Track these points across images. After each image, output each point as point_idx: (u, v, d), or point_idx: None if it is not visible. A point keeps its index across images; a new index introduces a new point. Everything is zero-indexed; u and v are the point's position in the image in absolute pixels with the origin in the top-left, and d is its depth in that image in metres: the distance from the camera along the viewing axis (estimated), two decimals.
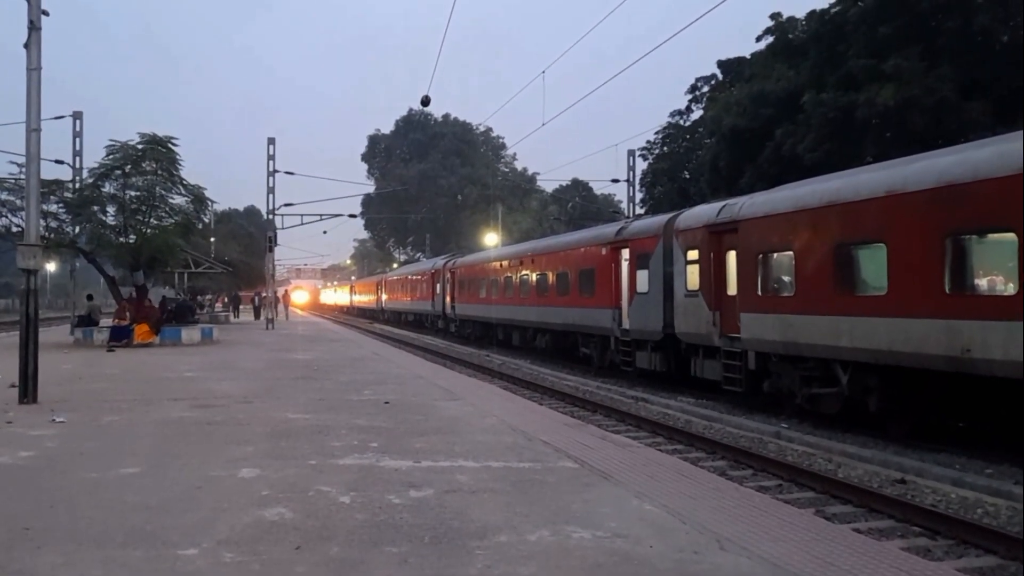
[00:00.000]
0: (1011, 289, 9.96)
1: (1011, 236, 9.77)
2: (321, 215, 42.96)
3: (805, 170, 24.48)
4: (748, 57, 40.87)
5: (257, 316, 48.25)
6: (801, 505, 8.58)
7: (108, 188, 26.03)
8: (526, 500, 6.21)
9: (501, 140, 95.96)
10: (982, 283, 10.80)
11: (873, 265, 12.13)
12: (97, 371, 16.92)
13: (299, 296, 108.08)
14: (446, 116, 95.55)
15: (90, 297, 32.11)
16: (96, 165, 26.23)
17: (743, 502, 6.48)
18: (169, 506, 5.99)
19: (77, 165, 30.38)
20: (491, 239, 57.93)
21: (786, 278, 14.16)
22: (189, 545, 5.05)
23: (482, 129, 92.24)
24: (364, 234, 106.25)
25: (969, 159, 10.57)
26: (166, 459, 7.74)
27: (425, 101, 24.25)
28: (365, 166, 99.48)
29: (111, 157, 25.49)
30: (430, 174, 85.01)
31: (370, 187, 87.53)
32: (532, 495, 6.38)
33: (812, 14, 34.41)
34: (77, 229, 27.31)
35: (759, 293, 14.55)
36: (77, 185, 28.35)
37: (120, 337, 24.31)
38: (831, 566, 4.82)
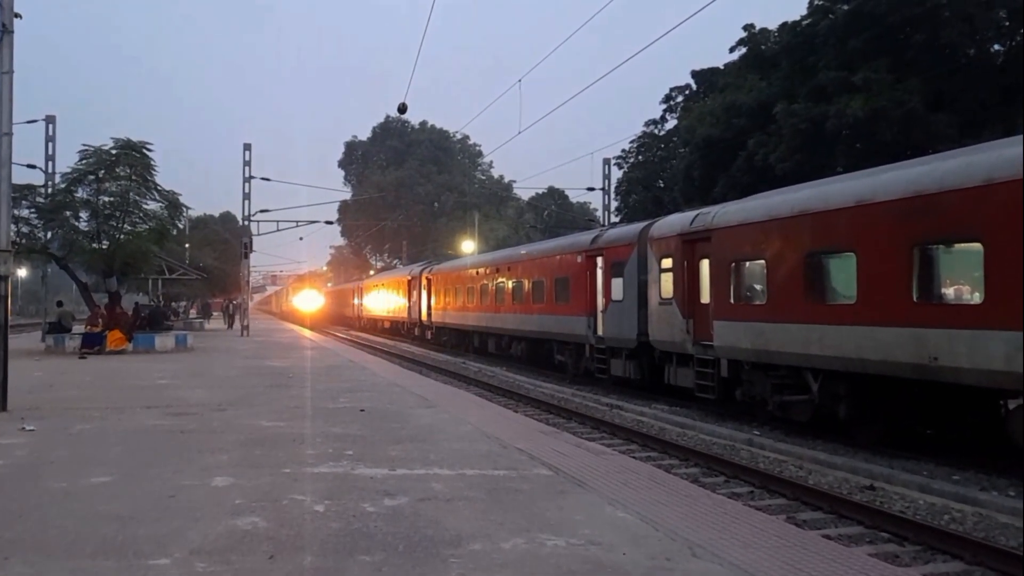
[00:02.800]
0: (977, 298, 10.16)
1: (977, 246, 9.97)
2: (297, 221, 42.63)
3: (777, 180, 24.80)
4: (721, 68, 41.29)
5: (230, 324, 47.57)
6: (772, 512, 8.67)
7: (81, 193, 25.74)
8: (501, 508, 6.24)
9: (478, 148, 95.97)
10: (949, 292, 11.01)
11: (843, 274, 12.32)
12: (68, 378, 16.71)
13: (307, 302, 71.18)
14: (423, 123, 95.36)
15: (60, 303, 31.69)
16: (69, 170, 25.99)
17: (715, 509, 6.55)
18: (141, 515, 5.94)
19: (50, 170, 30.05)
20: (467, 246, 57.93)
21: (758, 286, 14.32)
22: (161, 555, 5.02)
23: (459, 137, 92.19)
24: (340, 240, 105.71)
25: (936, 170, 10.78)
26: (138, 468, 7.68)
27: (402, 108, 24.24)
28: (342, 173, 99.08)
29: (84, 162, 25.23)
30: (407, 181, 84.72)
31: (347, 194, 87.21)
32: (507, 503, 6.41)
33: (784, 26, 34.90)
34: (49, 234, 26.96)
35: (731, 301, 14.70)
36: (49, 190, 28.02)
37: (92, 344, 24.03)
38: (801, 572, 4.89)
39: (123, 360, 22.04)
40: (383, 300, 51.22)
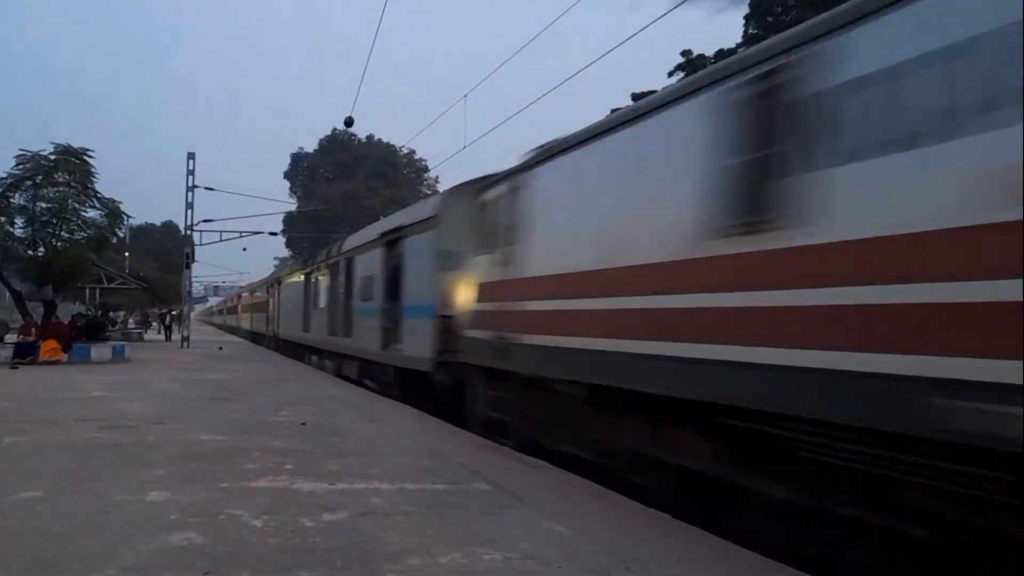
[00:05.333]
0: None
1: None
2: (241, 232, 42.06)
3: None
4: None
5: (168, 336, 46.45)
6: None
7: (17, 199, 25.14)
8: (440, 522, 6.28)
9: (424, 162, 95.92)
10: None
11: None
12: None
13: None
14: (370, 137, 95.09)
15: None
16: (5, 175, 25.33)
17: (649, 522, 6.69)
18: (72, 532, 5.83)
19: None
20: None
21: None
22: (92, 573, 4.93)
23: (405, 151, 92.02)
24: (285, 252, 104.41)
25: None
26: (71, 483, 7.52)
27: (348, 122, 24.21)
28: (287, 184, 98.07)
29: (21, 167, 24.67)
30: (354, 194, 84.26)
31: (292, 205, 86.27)
32: (446, 517, 6.45)
33: (720, 53, 35.91)
34: None
35: None
36: None
37: (25, 354, 23.37)
38: None
39: (57, 371, 21.46)
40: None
